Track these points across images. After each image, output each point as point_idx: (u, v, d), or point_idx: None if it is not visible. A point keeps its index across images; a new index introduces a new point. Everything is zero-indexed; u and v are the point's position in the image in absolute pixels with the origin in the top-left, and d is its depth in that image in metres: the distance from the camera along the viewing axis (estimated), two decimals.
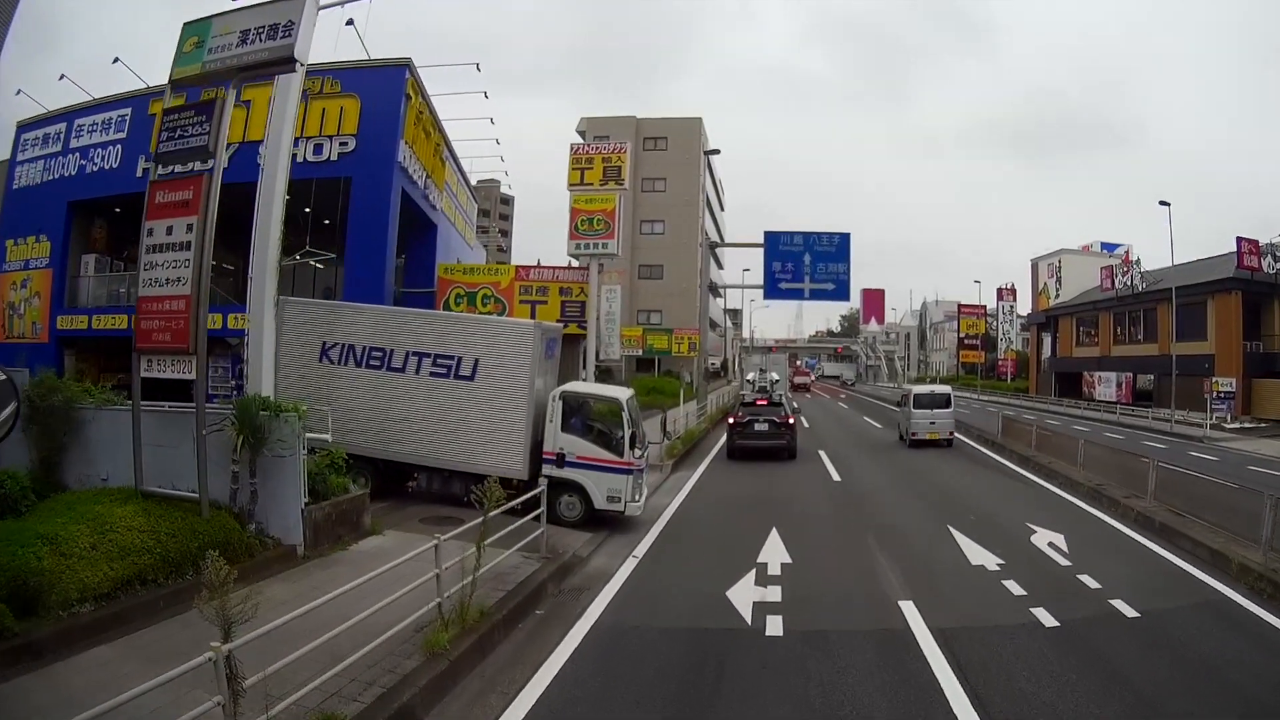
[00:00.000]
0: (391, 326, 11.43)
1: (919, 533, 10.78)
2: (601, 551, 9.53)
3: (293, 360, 11.36)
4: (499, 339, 11.19)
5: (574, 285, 24.35)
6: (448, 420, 11.05)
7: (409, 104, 21.31)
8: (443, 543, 6.75)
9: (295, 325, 11.56)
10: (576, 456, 10.83)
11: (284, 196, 11.45)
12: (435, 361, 11.12)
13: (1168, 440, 28.52)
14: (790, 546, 9.62)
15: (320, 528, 9.43)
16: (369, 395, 11.27)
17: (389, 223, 20.03)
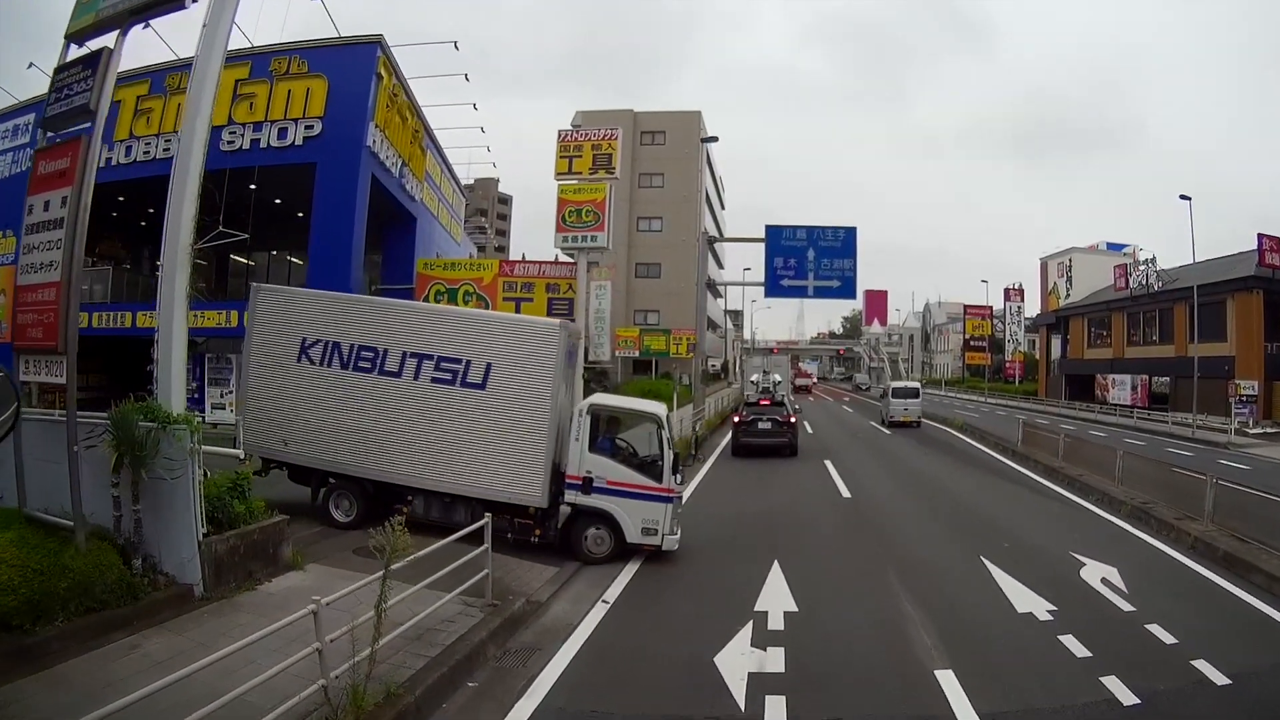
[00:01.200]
0: (386, 322, 9.71)
1: (948, 567, 9.12)
2: (566, 593, 7.88)
3: (266, 360, 9.98)
4: (516, 341, 9.46)
5: (562, 281, 22.71)
6: (451, 435, 9.35)
7: (380, 84, 19.71)
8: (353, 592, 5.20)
9: (270, 318, 10.06)
10: (607, 481, 9.28)
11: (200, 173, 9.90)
12: (439, 365, 9.42)
13: (1191, 446, 26.93)
14: (795, 586, 7.97)
15: (224, 563, 7.93)
16: (356, 404, 9.65)
17: (356, 211, 18.41)
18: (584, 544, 9.20)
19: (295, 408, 9.72)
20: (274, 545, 8.66)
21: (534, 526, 9.26)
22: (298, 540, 8.84)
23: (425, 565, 6.89)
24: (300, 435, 9.75)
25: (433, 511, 9.50)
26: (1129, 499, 12.87)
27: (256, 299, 10.12)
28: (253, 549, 8.34)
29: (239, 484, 8.34)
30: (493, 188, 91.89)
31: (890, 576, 8.47)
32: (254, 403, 10.01)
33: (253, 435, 10.03)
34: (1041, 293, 56.93)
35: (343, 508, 9.95)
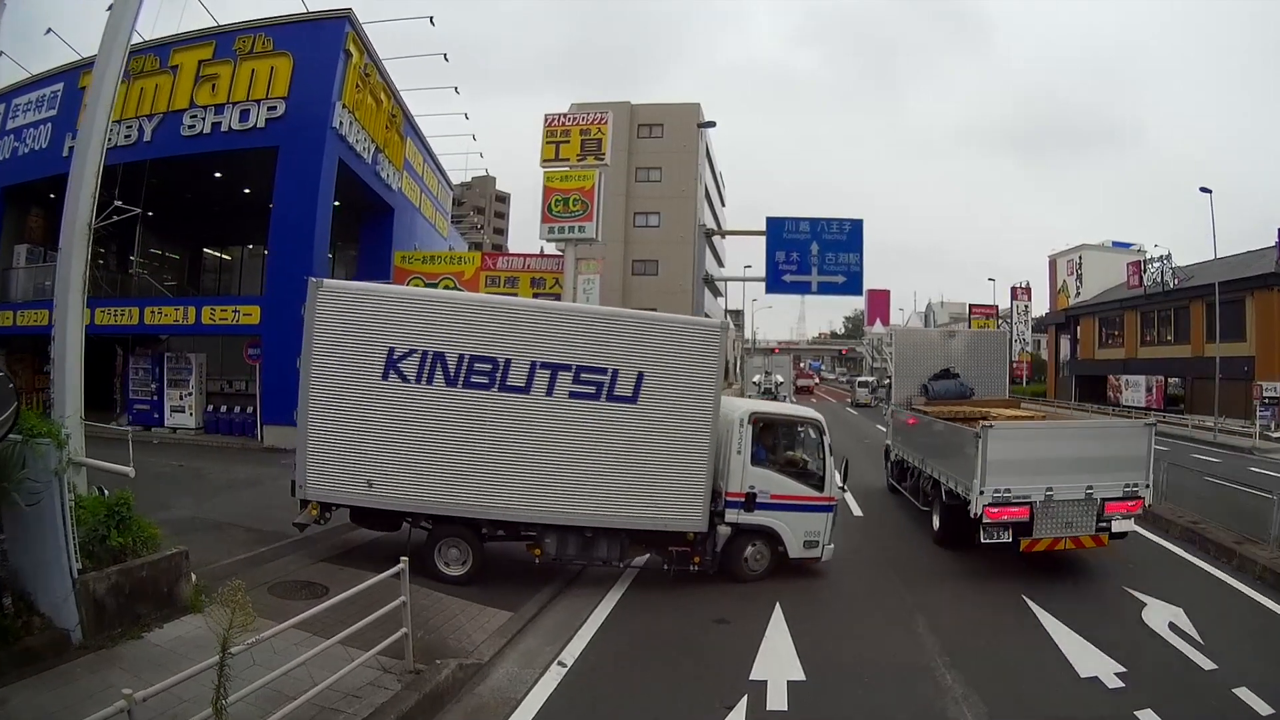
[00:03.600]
0: (509, 326, 7.87)
1: (987, 612, 7.58)
2: (514, 651, 6.32)
3: (336, 379, 7.70)
4: (673, 344, 8.09)
5: (548, 275, 21.26)
6: (595, 459, 7.88)
7: (349, 62, 18.24)
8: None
9: (340, 325, 7.69)
10: (771, 495, 8.46)
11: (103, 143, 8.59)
12: (578, 377, 7.85)
13: (1215, 451, 25.46)
14: (802, 642, 6.46)
15: (106, 604, 6.56)
16: (470, 428, 7.76)
17: (319, 197, 16.92)
18: (744, 565, 8.45)
19: (385, 438, 7.62)
20: (169, 583, 7.24)
21: (692, 553, 8.20)
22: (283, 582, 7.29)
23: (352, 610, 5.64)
24: (392, 473, 7.66)
25: (568, 550, 8.08)
26: (1177, 517, 11.39)
27: (317, 299, 7.70)
28: (140, 588, 6.92)
29: (116, 510, 6.87)
30: (490, 186, 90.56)
31: (919, 626, 6.93)
32: (321, 436, 7.67)
33: (320, 478, 7.75)
34: (1050, 291, 55.42)
35: (453, 558, 7.97)
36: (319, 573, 8.08)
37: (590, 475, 7.86)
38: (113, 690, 5.50)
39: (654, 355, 8.01)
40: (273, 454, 16.01)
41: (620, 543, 8.05)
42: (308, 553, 8.78)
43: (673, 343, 8.10)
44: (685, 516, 8.03)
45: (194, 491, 12.18)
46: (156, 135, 19.15)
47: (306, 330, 7.67)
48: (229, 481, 13.09)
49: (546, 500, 7.82)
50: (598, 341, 7.93)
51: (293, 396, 16.26)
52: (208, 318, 17.89)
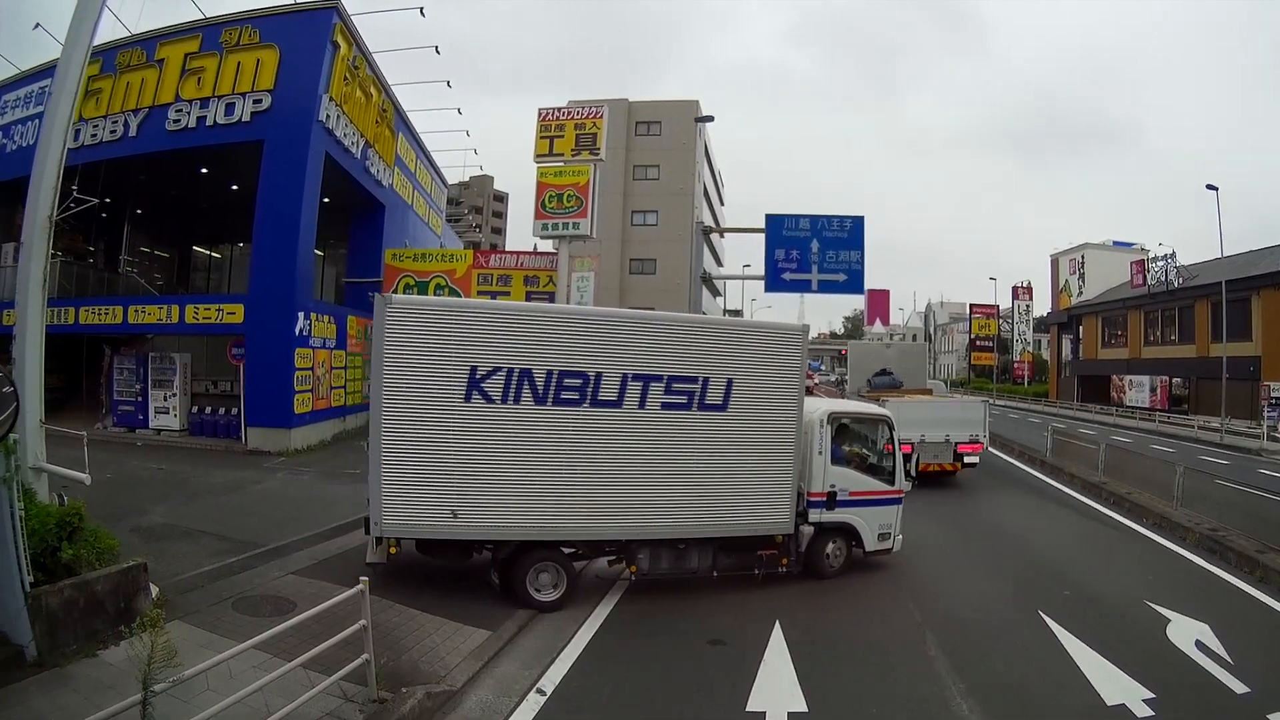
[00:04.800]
0: (597, 338, 7.48)
1: (1002, 630, 7.04)
2: (490, 675, 5.80)
3: (412, 402, 7.06)
4: (757, 349, 8.03)
5: (541, 273, 20.76)
6: (688, 469, 7.68)
7: (336, 54, 17.75)
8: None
9: (414, 342, 7.07)
10: (850, 493, 8.71)
11: (65, 133, 8.18)
12: (669, 387, 7.58)
13: (1222, 453, 25.00)
14: (803, 665, 5.96)
15: (60, 620, 6.16)
16: (561, 446, 7.35)
17: (304, 191, 16.41)
18: (825, 562, 8.68)
19: (470, 464, 7.09)
20: (126, 597, 6.83)
21: (779, 556, 8.25)
22: None
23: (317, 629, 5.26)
24: (479, 500, 7.13)
25: (661, 564, 7.86)
26: (1194, 525, 10.90)
27: (386, 317, 6.98)
28: (96, 602, 6.53)
29: (67, 520, 6.41)
30: (488, 185, 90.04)
31: (930, 647, 6.41)
32: (398, 466, 6.99)
33: (399, 511, 7.06)
34: (1052, 290, 55.00)
35: (544, 582, 7.48)
36: (288, 586, 7.61)
37: (684, 485, 7.70)
38: (63, 713, 5.09)
39: (741, 361, 7.90)
40: (256, 457, 15.54)
41: (712, 552, 7.95)
42: (278, 565, 8.31)
43: (758, 347, 8.04)
44: (774, 519, 8.06)
45: (170, 496, 11.71)
46: (142, 130, 18.67)
47: (375, 352, 7.02)
48: (207, 486, 12.60)
49: (641, 515, 7.59)
50: (687, 350, 7.73)
51: (275, 396, 16.19)
52: (191, 316, 17.39)
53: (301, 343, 16.49)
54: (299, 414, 16.37)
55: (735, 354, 7.89)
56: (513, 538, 7.33)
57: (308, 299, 17.17)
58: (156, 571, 7.86)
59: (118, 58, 19.30)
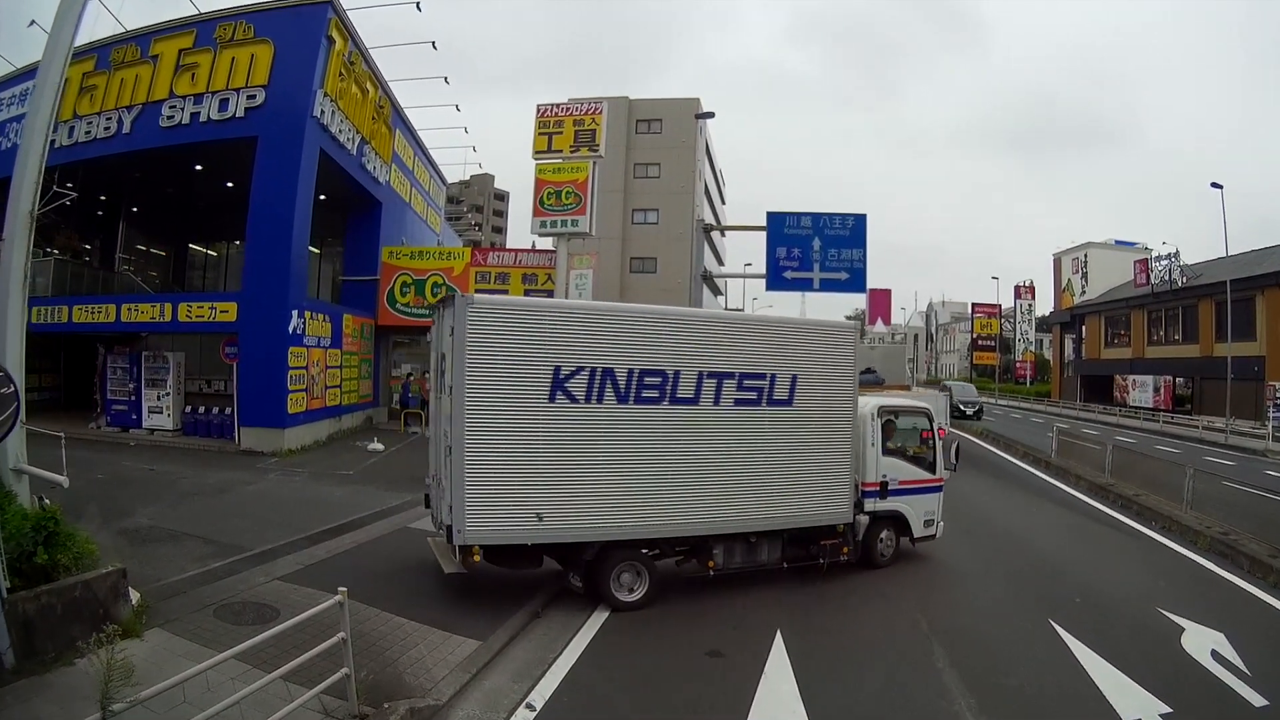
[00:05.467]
0: (674, 337, 7.58)
1: (1012, 640, 6.77)
2: (477, 689, 5.51)
3: (496, 405, 6.91)
4: (817, 346, 8.40)
5: (540, 271, 20.55)
6: (759, 463, 7.90)
7: (332, 48, 17.50)
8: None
9: (497, 342, 6.93)
10: (899, 482, 9.19)
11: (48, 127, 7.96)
12: (741, 384, 7.80)
13: (1228, 454, 24.74)
14: (805, 678, 5.69)
15: (37, 626, 5.96)
16: (643, 445, 7.38)
17: (298, 188, 16.17)
18: (878, 550, 9.04)
19: (555, 465, 7.02)
20: (105, 604, 6.58)
21: (841, 545, 8.56)
22: None
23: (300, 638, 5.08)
24: (564, 502, 7.06)
25: (735, 558, 8.03)
26: (1204, 528, 10.65)
27: (468, 317, 6.77)
28: (75, 609, 6.28)
29: (44, 524, 6.18)
30: (488, 184, 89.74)
31: (938, 659, 6.13)
32: (481, 471, 6.82)
33: (483, 518, 6.85)
34: (1055, 290, 54.71)
35: (626, 582, 7.47)
36: (272, 593, 7.37)
37: (756, 479, 7.89)
38: None
39: (804, 357, 8.20)
40: (249, 457, 15.32)
41: (780, 544, 8.21)
42: (264, 570, 8.06)
43: (818, 344, 8.37)
44: (836, 510, 8.40)
45: (160, 498, 11.49)
46: (136, 127, 18.44)
47: (457, 353, 6.81)
48: (198, 487, 12.37)
49: (718, 510, 7.72)
50: (755, 347, 7.96)
51: (271, 396, 15.94)
52: (184, 315, 17.16)
53: (295, 341, 16.25)
54: (292, 414, 16.13)
55: (798, 351, 8.19)
56: (597, 538, 7.26)
57: (301, 297, 16.94)
58: (140, 576, 7.65)
59: (112, 54, 19.09)
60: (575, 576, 7.44)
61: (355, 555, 8.71)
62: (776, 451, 7.98)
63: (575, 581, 7.43)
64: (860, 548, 8.86)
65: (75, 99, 19.37)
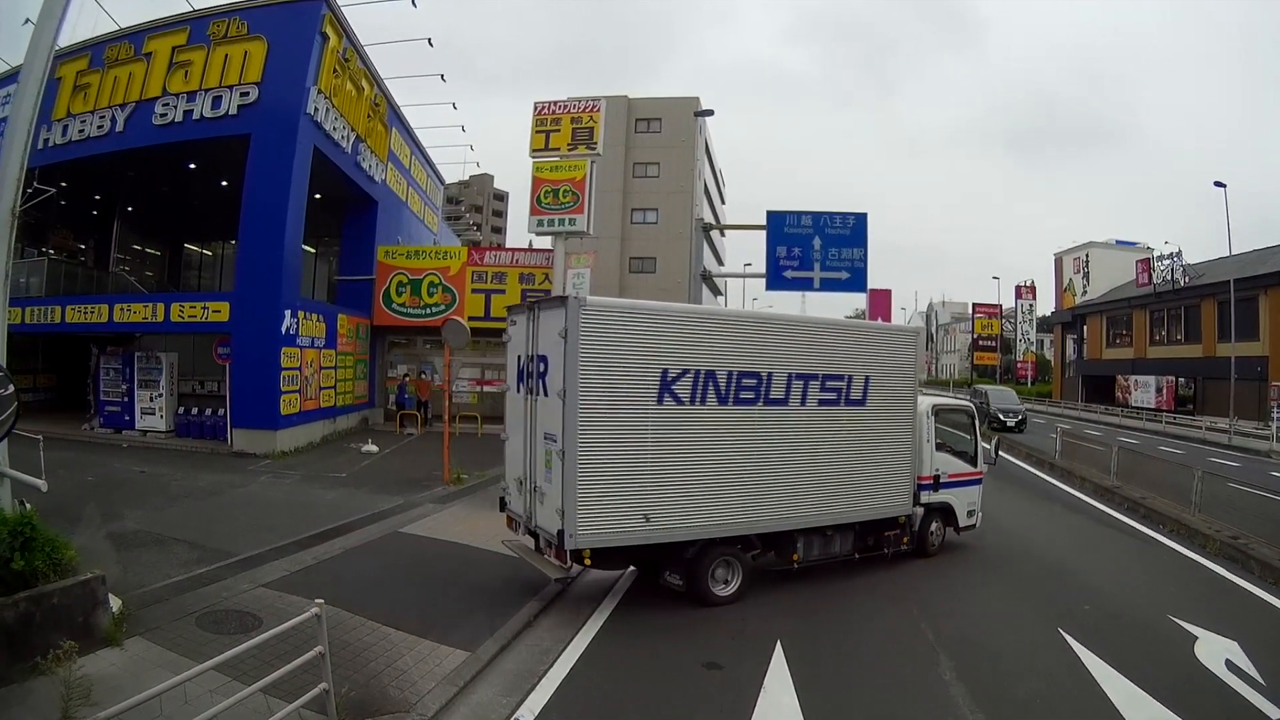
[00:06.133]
0: (765, 340, 7.86)
1: (1021, 651, 6.49)
2: (464, 703, 5.21)
3: (607, 407, 6.92)
4: (886, 348, 8.89)
5: (537, 270, 20.33)
6: (837, 460, 8.34)
7: (325, 45, 17.29)
8: None
9: (607, 345, 6.93)
10: (948, 475, 9.81)
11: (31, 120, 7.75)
12: (824, 385, 8.17)
13: (1232, 455, 24.55)
14: (807, 693, 5.41)
15: (17, 635, 5.75)
16: (740, 444, 7.63)
17: (291, 186, 15.96)
18: (930, 539, 9.61)
19: (660, 466, 7.12)
20: (85, 611, 6.38)
21: (901, 536, 9.15)
22: None
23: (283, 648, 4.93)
24: (669, 501, 7.17)
25: (813, 551, 8.42)
26: (1214, 532, 10.43)
27: (580, 319, 6.76)
28: (54, 616, 6.07)
29: (20, 530, 5.98)
30: (488, 184, 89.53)
31: (944, 671, 5.86)
32: (593, 474, 6.83)
33: (594, 521, 6.85)
34: (1056, 290, 54.49)
35: (721, 577, 7.67)
36: (256, 601, 7.15)
37: (835, 475, 8.29)
38: None
39: (875, 359, 8.62)
40: (241, 459, 15.09)
41: (852, 535, 8.63)
42: (249, 576, 7.85)
43: (886, 347, 8.85)
44: (900, 502, 8.94)
45: (148, 501, 11.27)
46: (129, 125, 18.25)
47: (570, 355, 6.75)
48: (188, 490, 12.16)
49: (803, 504, 8.06)
50: (835, 350, 8.34)
51: (263, 397, 15.73)
52: (176, 315, 16.93)
53: (288, 341, 16.03)
54: (285, 415, 15.91)
55: (870, 353, 8.62)
56: (698, 536, 7.42)
57: (295, 296, 16.72)
58: (124, 582, 7.45)
59: (106, 52, 18.91)
60: (673, 574, 7.55)
61: (343, 561, 8.49)
62: (852, 448, 8.41)
63: (673, 580, 7.55)
64: (915, 538, 9.39)
65: (69, 97, 19.19)
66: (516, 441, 7.76)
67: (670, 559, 7.48)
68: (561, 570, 7.15)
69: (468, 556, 8.80)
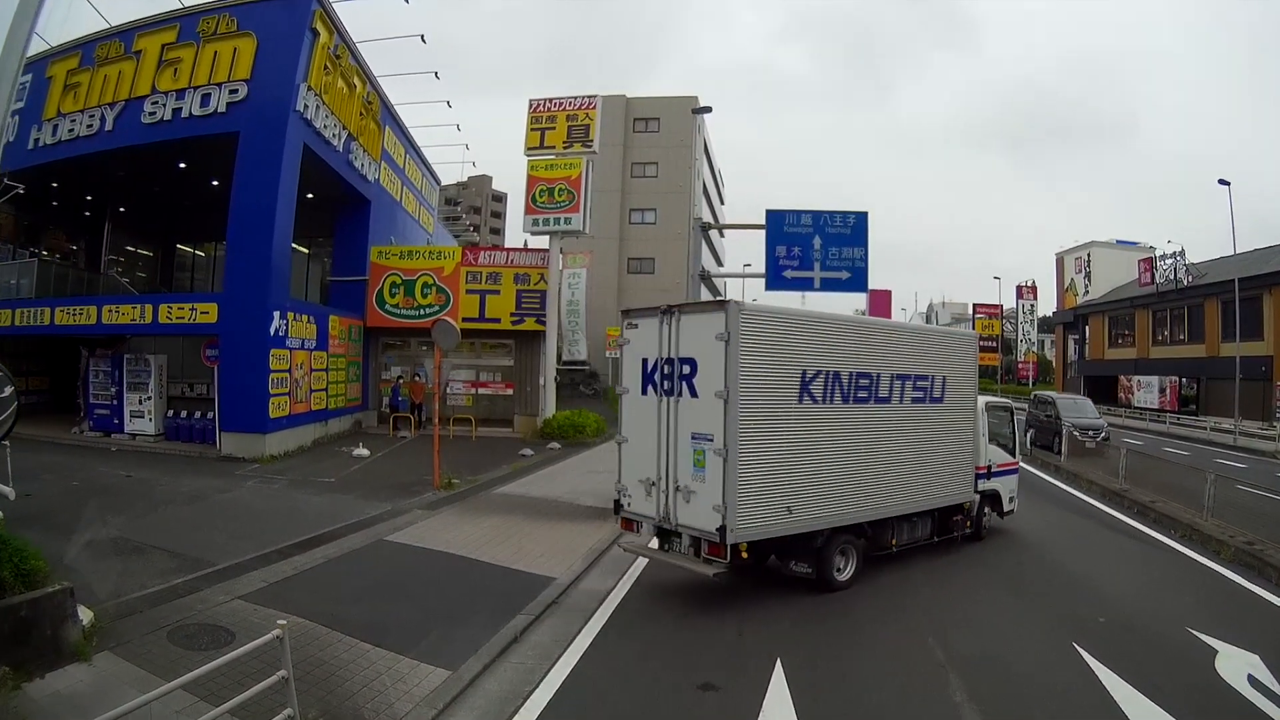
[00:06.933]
0: (873, 344, 8.56)
1: (1034, 668, 6.09)
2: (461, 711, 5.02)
3: (760, 406, 7.29)
4: (955, 351, 9.84)
5: (532, 271, 20.00)
6: (924, 453, 9.15)
7: (316, 41, 16.98)
8: None
9: (759, 348, 7.29)
10: (997, 465, 10.80)
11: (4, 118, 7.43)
12: (915, 384, 8.97)
13: (1237, 455, 24.24)
14: (808, 713, 5.09)
15: None
16: (857, 439, 8.25)
17: (280, 184, 15.63)
18: (982, 523, 10.58)
19: (800, 461, 7.60)
20: (53, 625, 6.09)
21: (964, 521, 10.05)
22: None
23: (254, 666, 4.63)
24: (808, 494, 7.66)
25: (903, 536, 9.14)
26: (1228, 537, 10.09)
27: (739, 323, 7.09)
28: (21, 630, 5.80)
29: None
30: (486, 185, 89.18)
31: (955, 692, 5.44)
32: (749, 470, 7.16)
33: (748, 515, 7.17)
34: (1057, 289, 54.15)
35: (841, 564, 8.22)
36: (231, 614, 6.83)
37: (922, 466, 9.03)
38: None
39: (948, 361, 9.49)
40: (229, 464, 14.77)
41: (930, 521, 9.44)
42: (225, 588, 7.52)
43: (955, 349, 9.79)
44: (966, 490, 9.93)
45: (131, 507, 10.97)
46: (118, 124, 17.96)
47: (730, 358, 7.02)
48: (172, 496, 11.84)
49: (898, 494, 8.72)
50: (923, 352, 9.13)
51: (252, 400, 15.39)
52: (165, 316, 16.60)
53: (277, 343, 15.70)
54: (274, 418, 15.57)
55: (945, 355, 9.49)
56: (827, 525, 7.93)
57: (284, 297, 16.38)
58: (99, 592, 7.13)
59: (96, 50, 18.63)
60: (800, 564, 8.01)
61: (324, 571, 8.16)
62: (934, 442, 9.21)
63: (800, 568, 8.02)
64: (974, 522, 10.30)
65: (60, 97, 18.91)
66: (644, 443, 7.83)
67: (800, 549, 7.90)
68: (719, 565, 7.25)
69: (454, 567, 8.46)
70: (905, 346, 8.91)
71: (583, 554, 9.02)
